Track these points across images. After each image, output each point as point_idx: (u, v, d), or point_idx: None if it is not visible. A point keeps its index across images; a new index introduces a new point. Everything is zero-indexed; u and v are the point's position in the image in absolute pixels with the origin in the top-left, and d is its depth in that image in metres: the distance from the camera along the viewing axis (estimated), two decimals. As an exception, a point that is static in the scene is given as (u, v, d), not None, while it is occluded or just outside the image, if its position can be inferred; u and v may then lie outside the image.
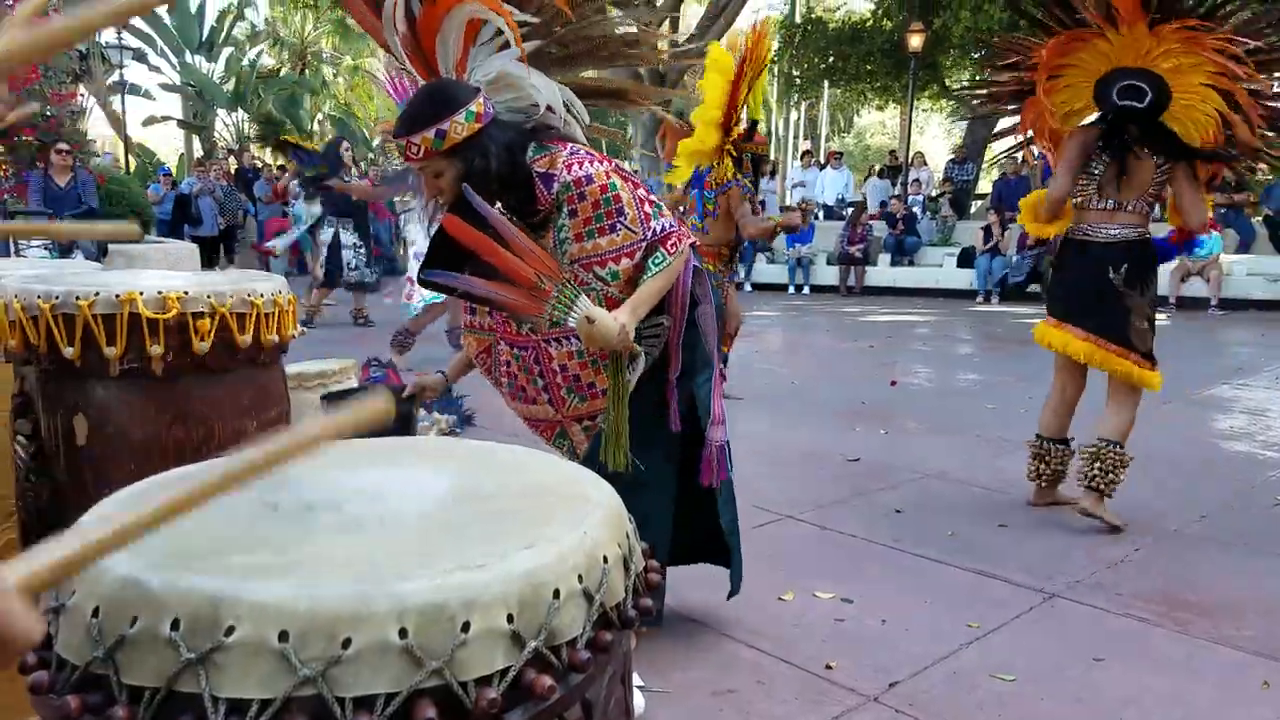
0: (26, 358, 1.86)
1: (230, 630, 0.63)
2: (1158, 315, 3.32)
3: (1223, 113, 3.05)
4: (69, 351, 1.77)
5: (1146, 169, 3.13)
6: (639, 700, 1.98)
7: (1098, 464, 3.16)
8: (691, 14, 21.55)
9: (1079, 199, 3.28)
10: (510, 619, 0.68)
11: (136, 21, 19.19)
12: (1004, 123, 3.93)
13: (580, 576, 0.74)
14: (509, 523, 0.80)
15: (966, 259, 12.43)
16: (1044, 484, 3.42)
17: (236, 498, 0.84)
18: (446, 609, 0.65)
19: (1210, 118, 3.09)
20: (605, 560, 0.77)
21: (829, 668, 2.18)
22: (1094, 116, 3.36)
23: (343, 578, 0.67)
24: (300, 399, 3.01)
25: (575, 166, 1.98)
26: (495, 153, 1.93)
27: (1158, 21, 3.04)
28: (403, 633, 0.64)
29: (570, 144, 2.03)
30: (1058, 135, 3.38)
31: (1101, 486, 3.16)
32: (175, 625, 0.64)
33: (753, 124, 4.75)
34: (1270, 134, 3.15)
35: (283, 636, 0.62)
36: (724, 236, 4.66)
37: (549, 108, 2.01)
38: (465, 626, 0.66)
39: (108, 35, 16.76)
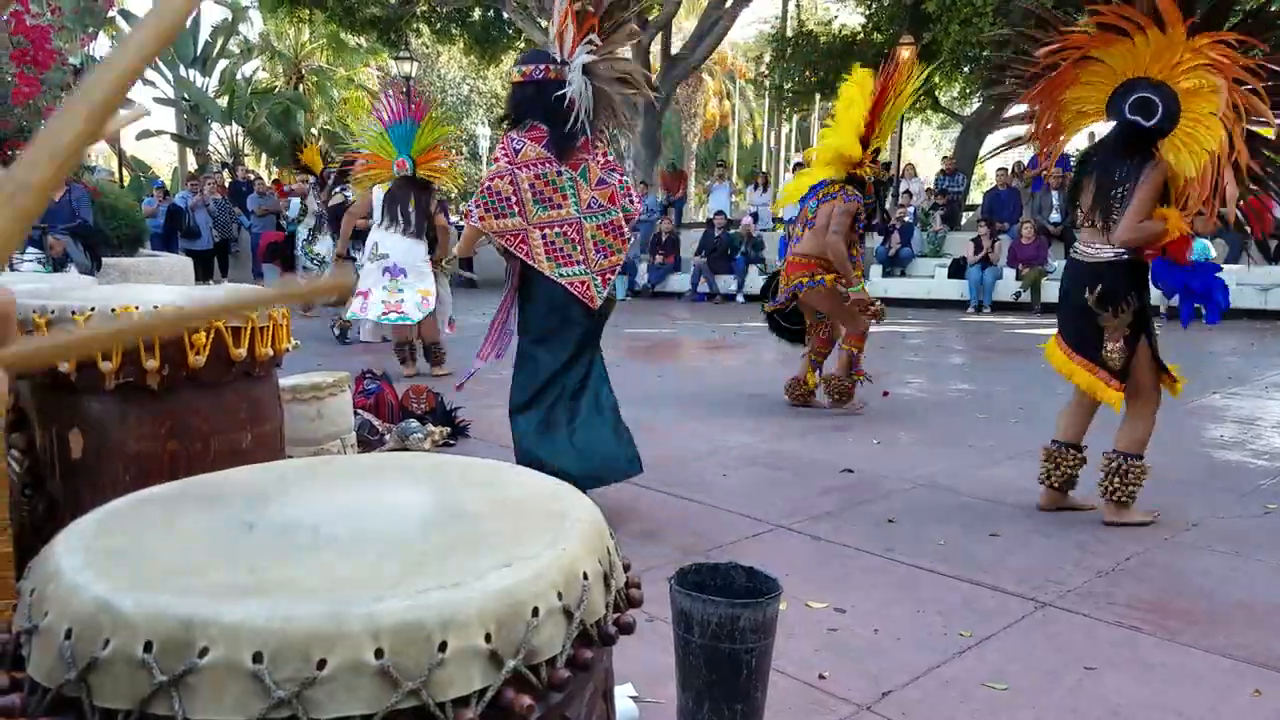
0: (21, 372, 1.86)
1: (204, 652, 0.63)
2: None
3: (1219, 154, 2.92)
4: (64, 366, 1.77)
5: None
6: (634, 711, 1.97)
7: (1116, 478, 3.23)
8: (687, 25, 21.69)
9: (1079, 217, 3.25)
10: (488, 638, 0.67)
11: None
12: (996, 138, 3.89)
13: (559, 594, 0.73)
14: (487, 540, 0.79)
15: (958, 270, 12.47)
16: (1054, 486, 3.39)
17: (211, 517, 0.84)
18: (423, 629, 0.65)
19: (1207, 153, 2.94)
20: (585, 577, 0.77)
21: (822, 677, 2.17)
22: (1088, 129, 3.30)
23: (318, 598, 0.67)
24: (294, 412, 2.99)
25: None
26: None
27: (1197, 29, 2.92)
28: (378, 653, 0.63)
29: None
30: (1058, 130, 3.32)
31: (1123, 499, 3.23)
32: (148, 647, 0.63)
33: (875, 150, 5.03)
34: (1252, 185, 3.01)
35: (256, 658, 0.62)
36: (815, 249, 4.98)
37: None
38: (442, 646, 0.65)
39: (102, 48, 16.75)
